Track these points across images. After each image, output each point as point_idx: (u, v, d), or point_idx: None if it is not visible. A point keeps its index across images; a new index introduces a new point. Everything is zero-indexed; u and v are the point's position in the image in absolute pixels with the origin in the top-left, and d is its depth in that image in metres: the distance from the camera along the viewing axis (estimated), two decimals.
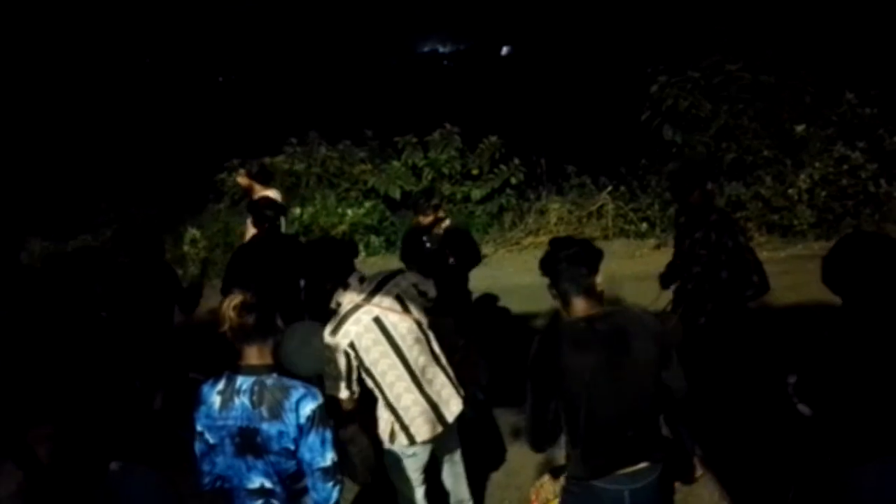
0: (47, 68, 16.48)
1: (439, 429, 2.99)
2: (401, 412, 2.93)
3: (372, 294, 2.93)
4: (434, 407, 2.97)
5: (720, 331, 3.55)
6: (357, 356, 2.85)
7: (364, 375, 2.90)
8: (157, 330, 3.84)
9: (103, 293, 3.27)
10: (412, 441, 2.95)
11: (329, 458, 2.27)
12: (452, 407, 3.03)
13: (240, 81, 21.61)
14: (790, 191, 8.15)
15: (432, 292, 3.12)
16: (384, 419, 3.00)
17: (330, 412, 2.86)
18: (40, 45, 16.77)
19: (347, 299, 2.93)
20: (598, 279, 2.34)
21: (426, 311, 3.07)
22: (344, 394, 2.89)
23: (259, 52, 21.57)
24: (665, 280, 3.89)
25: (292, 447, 2.24)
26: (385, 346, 2.88)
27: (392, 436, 2.98)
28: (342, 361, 2.85)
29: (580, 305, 2.30)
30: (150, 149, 13.72)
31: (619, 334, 2.25)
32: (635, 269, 7.26)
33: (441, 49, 27.38)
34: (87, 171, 12.02)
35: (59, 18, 17.43)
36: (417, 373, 2.94)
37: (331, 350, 2.85)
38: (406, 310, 2.95)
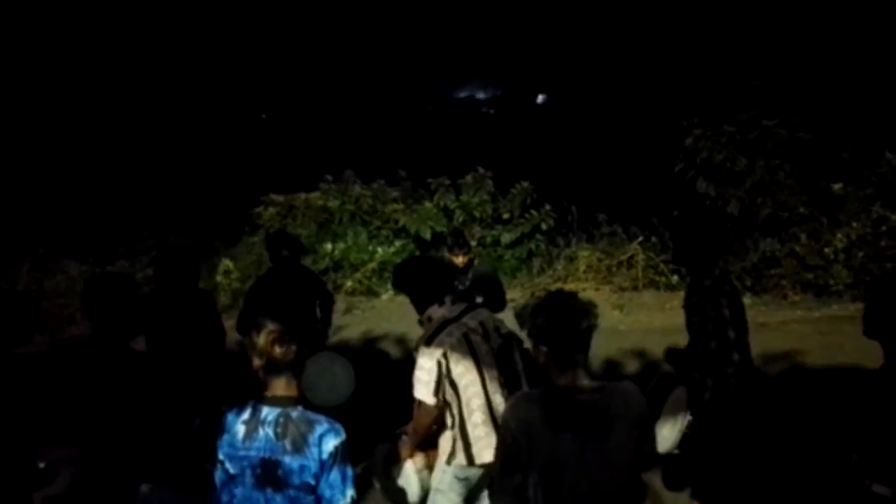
0: (101, 101, 17.16)
1: None
2: (469, 429, 3.05)
3: (460, 315, 3.15)
4: (498, 431, 3.02)
5: (728, 405, 3.37)
6: (447, 366, 3.02)
7: (448, 386, 3.05)
8: (196, 356, 3.84)
9: (140, 318, 3.28)
10: (471, 462, 3.04)
11: (349, 495, 2.25)
12: None
13: (282, 119, 22.23)
14: (826, 250, 8.01)
15: (505, 328, 3.31)
16: (447, 437, 3.12)
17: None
18: (92, 78, 17.51)
19: (439, 314, 3.14)
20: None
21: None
22: (431, 399, 3.01)
23: (302, 92, 22.19)
24: (671, 357, 3.74)
25: (313, 482, 2.23)
26: (470, 363, 3.05)
27: (451, 455, 3.08)
28: (434, 369, 3.01)
29: (572, 376, 2.19)
30: (192, 180, 14.10)
31: (603, 413, 2.14)
32: (665, 322, 7.16)
33: (478, 95, 27.87)
34: (130, 200, 12.40)
35: (108, 54, 18.22)
36: (490, 395, 3.09)
37: (425, 357, 3.03)
38: (485, 338, 3.15)
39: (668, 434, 3.57)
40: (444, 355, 3.01)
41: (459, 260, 4.88)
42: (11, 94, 14.17)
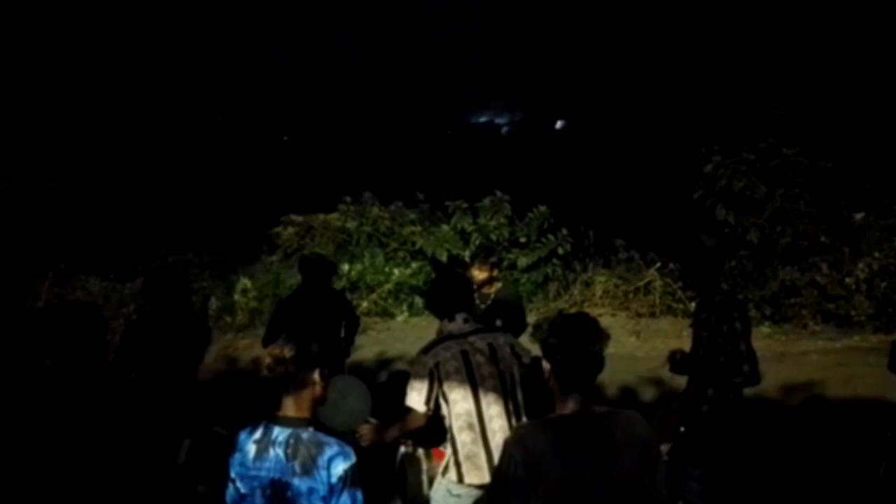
0: (123, 119, 17.51)
1: (487, 478, 3.02)
2: (458, 446, 3.07)
3: (469, 334, 3.17)
4: (489, 456, 3.04)
5: (723, 419, 3.44)
6: (438, 377, 3.06)
7: (441, 399, 3.09)
8: (179, 380, 3.73)
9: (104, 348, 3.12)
10: (460, 479, 3.05)
11: None
12: None
13: (302, 141, 22.50)
14: (847, 279, 7.89)
15: (526, 359, 3.27)
16: (447, 451, 3.15)
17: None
18: (114, 96, 17.89)
19: (447, 330, 3.20)
20: None
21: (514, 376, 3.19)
22: (423, 408, 3.07)
23: (323, 115, 22.47)
24: (674, 364, 3.74)
25: None
26: (464, 378, 3.07)
27: (446, 468, 3.12)
28: (427, 378, 3.07)
29: (573, 401, 2.18)
30: (213, 199, 14.28)
31: (605, 440, 2.14)
32: (682, 349, 7.07)
33: (497, 120, 28.05)
34: (151, 217, 12.58)
35: (132, 73, 18.61)
36: (485, 417, 3.06)
37: (419, 366, 3.11)
38: (493, 360, 3.12)
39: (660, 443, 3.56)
40: (437, 366, 3.05)
41: (478, 275, 4.85)
42: (34, 111, 14.53)
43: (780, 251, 8.42)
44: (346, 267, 9.48)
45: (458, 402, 3.05)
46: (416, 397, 3.06)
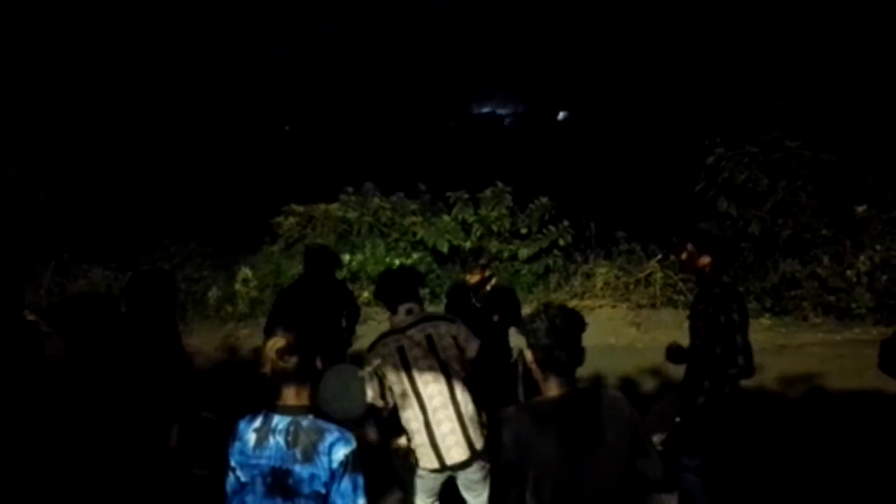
0: (126, 109, 17.48)
1: (437, 465, 3.16)
2: (409, 434, 3.21)
3: (408, 327, 3.22)
4: (434, 444, 3.15)
5: (719, 410, 3.43)
6: (382, 374, 3.19)
7: (388, 392, 3.22)
8: (164, 373, 3.59)
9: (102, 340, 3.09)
10: (416, 463, 3.20)
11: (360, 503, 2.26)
12: (453, 453, 3.16)
13: (304, 131, 22.46)
14: (848, 272, 7.89)
15: (472, 352, 3.26)
16: (404, 437, 3.30)
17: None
18: (117, 86, 17.85)
19: (392, 323, 3.29)
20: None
21: (462, 363, 3.24)
22: (379, 402, 3.21)
23: (325, 105, 22.41)
24: (672, 355, 3.75)
25: (323, 491, 2.24)
26: (401, 374, 3.17)
27: (408, 453, 3.28)
28: (374, 377, 3.21)
29: (557, 384, 2.26)
30: (214, 189, 14.28)
31: (591, 418, 2.19)
32: (683, 341, 7.07)
33: (499, 111, 27.98)
34: (153, 207, 12.58)
35: (134, 64, 18.56)
36: (428, 409, 3.16)
37: (366, 365, 3.23)
38: (431, 351, 3.18)
39: (655, 433, 3.58)
40: (379, 365, 3.18)
41: (475, 278, 4.85)
42: (37, 102, 14.50)
43: (782, 243, 8.41)
44: (346, 257, 9.49)
45: (400, 397, 3.17)
46: (371, 394, 3.19)
